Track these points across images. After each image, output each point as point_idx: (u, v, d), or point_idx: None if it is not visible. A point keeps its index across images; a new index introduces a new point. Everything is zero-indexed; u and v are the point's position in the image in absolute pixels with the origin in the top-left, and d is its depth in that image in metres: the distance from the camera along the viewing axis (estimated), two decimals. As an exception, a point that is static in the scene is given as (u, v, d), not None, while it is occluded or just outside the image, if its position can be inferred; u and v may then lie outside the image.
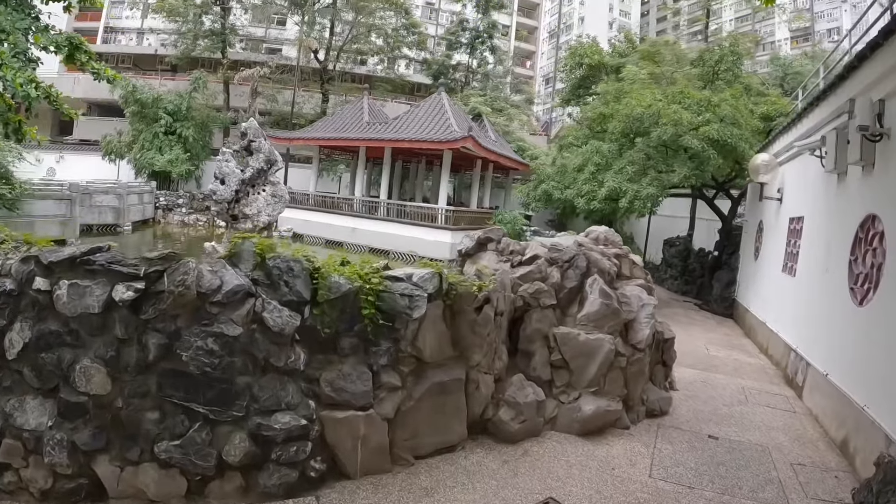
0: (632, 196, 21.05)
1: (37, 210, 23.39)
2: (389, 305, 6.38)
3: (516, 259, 9.57)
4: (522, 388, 7.82)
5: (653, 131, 20.78)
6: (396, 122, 32.03)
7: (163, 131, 39.80)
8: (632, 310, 9.02)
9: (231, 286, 5.62)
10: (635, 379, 8.89)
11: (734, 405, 10.45)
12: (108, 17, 67.27)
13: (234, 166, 20.24)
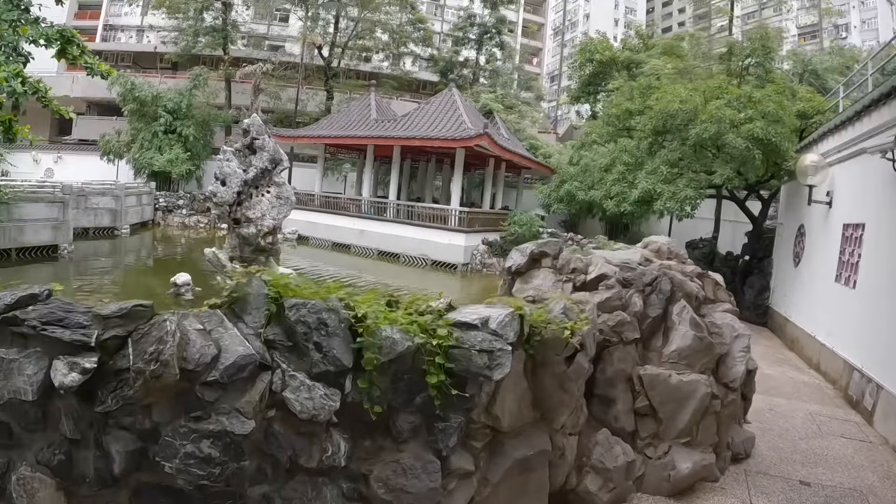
0: (667, 198, 19.77)
1: (27, 214, 22.15)
2: (463, 366, 4.66)
3: (579, 279, 8.13)
4: (610, 448, 6.30)
5: (691, 129, 19.48)
6: (406, 120, 30.65)
7: (162, 130, 38.61)
8: (724, 342, 7.55)
9: (234, 357, 4.01)
10: (727, 423, 7.51)
11: (810, 438, 9.39)
12: (108, 14, 66.38)
13: (236, 166, 18.84)
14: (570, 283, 8.34)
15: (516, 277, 9.10)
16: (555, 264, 8.83)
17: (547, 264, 8.91)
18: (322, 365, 4.32)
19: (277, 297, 4.52)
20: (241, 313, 4.44)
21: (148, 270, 24.12)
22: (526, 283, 8.86)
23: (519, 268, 8.97)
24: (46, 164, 46.30)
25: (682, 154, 20.65)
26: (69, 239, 23.83)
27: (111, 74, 14.87)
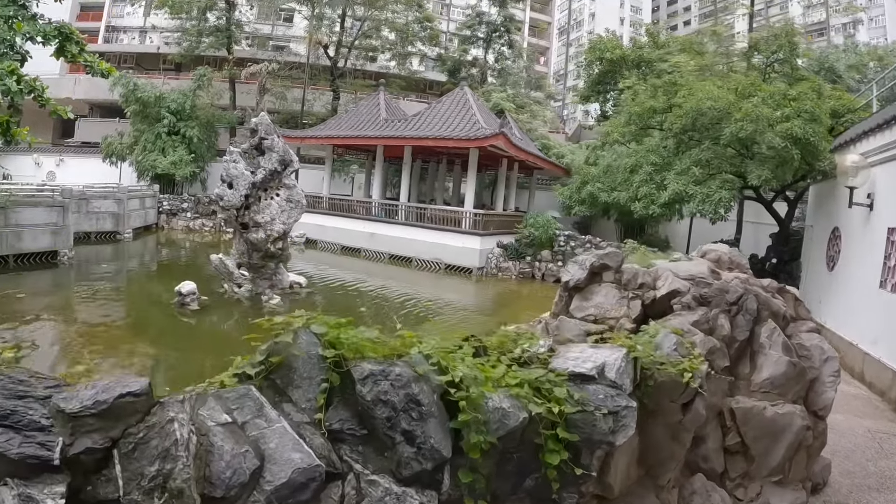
0: (700, 200, 18.92)
1: (25, 219, 21.45)
2: (585, 433, 3.53)
3: (647, 295, 7.19)
4: (708, 497, 5.27)
5: (724, 127, 18.61)
6: (417, 119, 29.75)
7: (166, 132, 37.89)
8: (814, 366, 6.58)
9: (288, 471, 2.74)
10: (815, 455, 6.63)
11: (877, 458, 8.72)
12: (110, 15, 66.21)
13: (244, 168, 17.94)
14: (638, 300, 7.41)
15: (574, 294, 8.14)
16: (617, 278, 7.89)
17: (608, 278, 7.97)
18: (416, 463, 3.09)
19: (339, 360, 3.21)
20: (285, 388, 3.19)
21: (151, 277, 23.35)
22: (585, 301, 7.92)
23: (578, 283, 8.01)
24: (48, 167, 45.72)
25: (714, 154, 19.79)
26: (69, 245, 23.08)
27: (112, 73, 14.47)
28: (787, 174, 18.78)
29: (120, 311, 16.14)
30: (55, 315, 14.97)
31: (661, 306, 7.11)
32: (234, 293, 17.97)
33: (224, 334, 14.43)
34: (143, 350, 11.56)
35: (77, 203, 26.41)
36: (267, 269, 18.58)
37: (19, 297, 16.65)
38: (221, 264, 18.32)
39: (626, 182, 24.15)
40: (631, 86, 28.82)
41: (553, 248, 26.70)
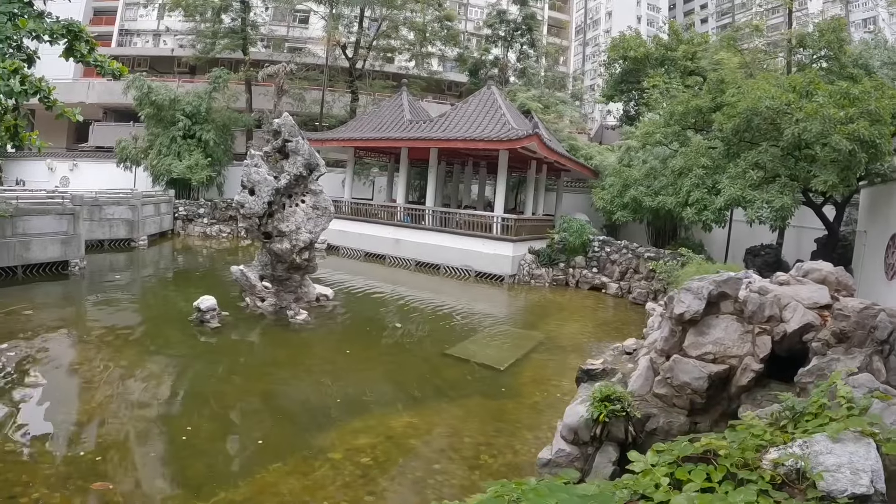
0: (759, 206, 17.70)
1: (34, 228, 20.54)
2: None
3: (777, 330, 5.92)
4: None
5: (784, 128, 17.34)
6: (443, 121, 28.48)
7: (181, 135, 36.96)
8: None
9: None
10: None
11: None
12: (123, 19, 65.59)
13: (266, 172, 16.67)
14: (766, 335, 6.18)
15: (688, 327, 6.88)
16: (738, 308, 6.61)
17: (727, 309, 6.76)
18: None
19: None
20: None
21: (168, 288, 22.22)
22: (702, 336, 6.70)
23: (694, 314, 6.75)
24: (62, 172, 45.09)
25: (771, 156, 18.48)
26: (81, 254, 22.15)
27: (123, 73, 13.91)
28: (852, 179, 17.58)
29: (134, 332, 14.91)
30: (59, 345, 13.75)
31: (790, 343, 6.21)
32: (256, 307, 16.85)
33: (254, 364, 13.17)
34: (159, 409, 10.25)
35: (89, 210, 25.61)
36: (292, 281, 17.39)
37: (27, 314, 15.56)
38: (243, 276, 17.12)
39: (673, 186, 22.87)
40: (657, 84, 27.69)
41: (587, 253, 25.41)
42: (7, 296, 17.20)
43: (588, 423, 7.22)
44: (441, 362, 13.65)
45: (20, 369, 11.34)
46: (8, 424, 9.11)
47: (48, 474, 7.63)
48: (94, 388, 10.78)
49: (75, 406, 10.11)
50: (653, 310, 16.03)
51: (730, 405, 6.82)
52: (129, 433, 9.07)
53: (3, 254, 19.53)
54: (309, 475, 8.03)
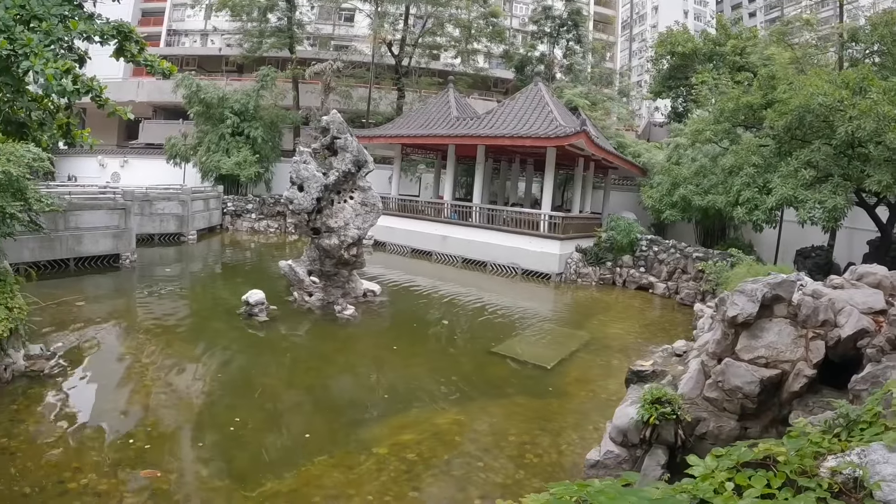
0: (812, 206, 17.30)
1: (85, 222, 21.00)
2: None
3: (832, 335, 5.78)
4: None
5: (837, 126, 16.90)
6: (490, 118, 28.36)
7: (229, 132, 37.50)
8: None
9: None
10: None
11: None
12: (171, 20, 66.66)
13: (315, 169, 16.80)
14: (820, 339, 6.05)
15: (741, 330, 6.75)
16: (791, 312, 6.47)
17: (781, 312, 6.62)
18: None
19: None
20: None
21: (216, 282, 22.57)
22: (755, 339, 6.58)
23: (747, 317, 6.62)
24: (113, 169, 45.96)
25: (824, 155, 18.05)
26: (132, 247, 22.59)
27: (173, 72, 14.06)
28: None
29: (183, 324, 15.17)
30: (109, 336, 14.04)
31: (844, 348, 6.09)
32: (304, 302, 16.98)
33: (302, 358, 13.30)
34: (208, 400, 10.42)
35: (140, 205, 26.08)
36: (340, 276, 17.50)
37: (79, 305, 15.95)
38: (291, 271, 17.29)
39: (723, 184, 22.48)
40: (705, 80, 27.25)
41: (634, 252, 25.08)
42: (59, 287, 17.55)
43: (638, 426, 7.16)
44: (487, 360, 13.61)
45: (71, 359, 11.60)
46: (59, 411, 9.35)
47: (97, 461, 7.79)
48: (144, 379, 10.98)
49: (125, 395, 10.28)
50: (701, 311, 15.80)
51: (780, 411, 6.72)
52: (177, 423, 9.24)
53: (56, 247, 19.94)
54: (354, 469, 8.07)
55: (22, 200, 10.14)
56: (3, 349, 10.17)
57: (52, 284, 17.51)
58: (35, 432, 8.54)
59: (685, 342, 9.74)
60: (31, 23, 11.82)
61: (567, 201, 37.71)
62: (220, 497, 7.24)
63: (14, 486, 7.03)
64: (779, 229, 24.47)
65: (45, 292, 15.13)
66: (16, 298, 10.49)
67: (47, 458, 7.76)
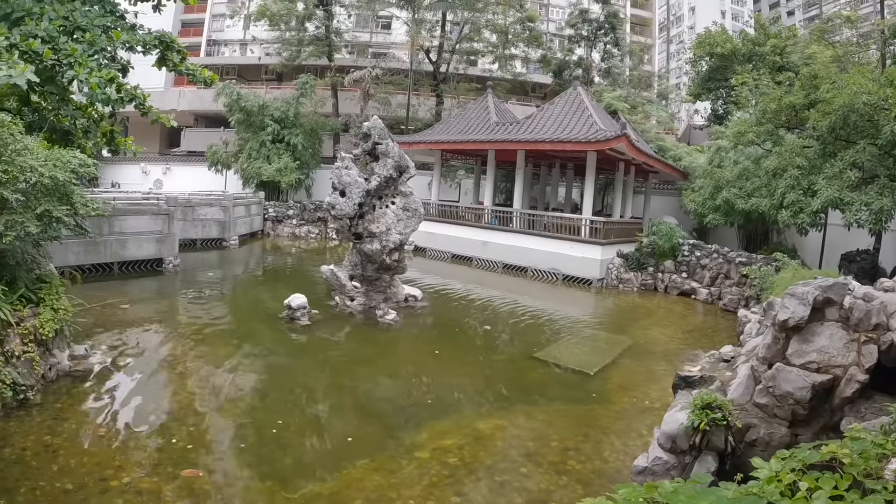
0: (858, 209, 16.97)
1: (130, 227, 21.51)
2: None
3: (885, 339, 5.68)
4: None
5: (883, 125, 16.59)
6: (530, 122, 28.28)
7: (270, 139, 37.92)
8: None
9: None
10: None
11: None
12: (210, 30, 68.06)
13: (357, 174, 16.87)
14: (872, 344, 5.92)
15: (791, 335, 6.64)
16: (843, 315, 6.35)
17: (832, 315, 6.48)
18: None
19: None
20: None
21: (258, 286, 22.84)
22: (806, 344, 6.45)
23: (797, 321, 6.51)
24: (155, 175, 46.86)
25: (870, 155, 17.71)
26: (175, 252, 23.00)
27: (214, 80, 14.24)
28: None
29: (225, 328, 15.35)
30: (153, 337, 14.22)
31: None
32: (345, 306, 17.06)
33: (344, 362, 13.37)
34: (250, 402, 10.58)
35: (182, 211, 26.48)
36: (381, 281, 17.56)
37: (123, 308, 16.27)
38: (333, 276, 17.39)
39: (766, 187, 22.13)
40: (746, 81, 26.86)
41: (676, 257, 24.76)
42: (104, 290, 17.84)
43: (687, 431, 7.05)
44: (528, 365, 13.51)
45: (115, 359, 11.80)
46: (101, 410, 9.49)
47: (139, 459, 7.89)
48: (187, 380, 11.12)
49: (167, 396, 10.42)
50: (745, 317, 15.58)
51: (832, 417, 6.57)
52: (219, 424, 9.31)
53: (101, 251, 20.41)
54: (395, 473, 8.04)
55: (68, 205, 10.37)
56: (49, 349, 10.40)
57: (96, 287, 17.82)
58: (78, 430, 8.69)
59: (732, 347, 9.61)
60: (75, 34, 12.11)
61: (607, 206, 37.35)
62: (261, 498, 7.26)
63: (56, 483, 7.14)
64: (823, 233, 24.01)
65: (90, 294, 15.38)
66: (61, 300, 10.72)
67: (90, 456, 7.87)
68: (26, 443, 8.12)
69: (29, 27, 11.55)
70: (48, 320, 10.09)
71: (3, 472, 7.31)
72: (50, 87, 11.79)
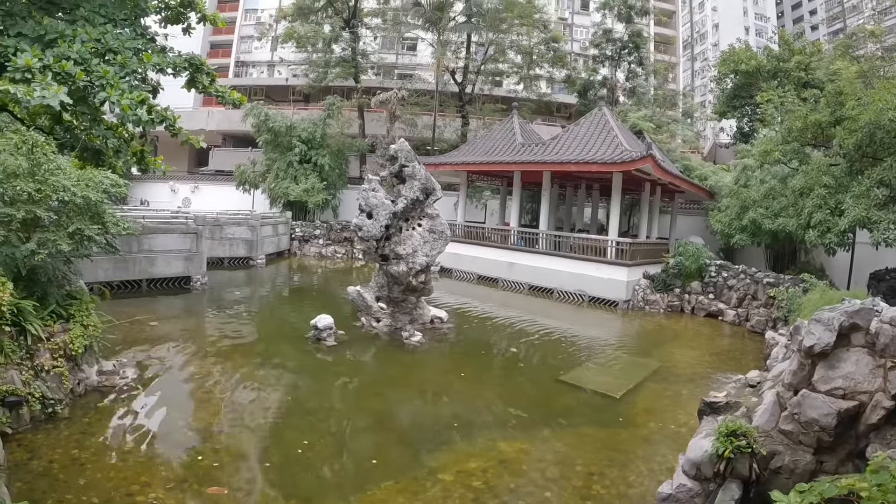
0: (886, 227, 16.84)
1: (158, 245, 21.84)
2: None
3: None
4: None
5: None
6: (555, 143, 28.34)
7: (297, 160, 38.30)
8: None
9: None
10: None
11: None
12: (238, 52, 69.01)
13: (384, 197, 17.03)
14: None
15: (817, 361, 6.64)
16: (869, 340, 6.35)
17: (858, 341, 6.47)
18: None
19: None
20: None
21: (284, 304, 23.15)
22: (832, 370, 6.45)
23: (824, 348, 6.51)
24: (184, 194, 47.53)
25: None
26: (202, 270, 23.31)
27: (242, 102, 14.39)
28: None
29: (252, 346, 15.55)
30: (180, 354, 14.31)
31: None
32: (371, 328, 17.15)
33: (370, 383, 13.44)
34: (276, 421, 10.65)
35: (210, 230, 26.82)
36: (408, 303, 17.66)
37: (152, 325, 16.50)
38: (359, 297, 17.53)
39: (794, 206, 21.97)
40: (771, 98, 26.72)
41: (703, 278, 24.58)
42: (132, 306, 18.16)
43: (712, 459, 7.05)
44: (554, 388, 13.47)
45: (142, 375, 11.97)
46: (129, 426, 9.63)
47: (165, 475, 7.99)
48: (213, 398, 11.24)
49: (194, 413, 10.55)
50: (773, 339, 15.45)
51: (857, 444, 6.52)
52: (245, 443, 9.39)
53: (130, 268, 20.74)
54: (419, 495, 8.06)
55: (100, 224, 10.62)
56: (78, 364, 10.60)
57: (125, 304, 18.15)
58: (105, 445, 8.83)
59: (759, 373, 9.58)
60: (107, 56, 12.39)
61: (633, 226, 37.24)
62: (286, 518, 7.35)
63: (83, 497, 7.26)
64: (851, 252, 23.75)
65: (119, 311, 15.62)
66: (91, 317, 10.91)
67: (116, 471, 8.00)
68: (54, 455, 8.28)
69: (62, 48, 11.84)
70: (78, 336, 10.30)
71: (31, 485, 7.45)
72: (82, 107, 12.06)
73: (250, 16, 68.26)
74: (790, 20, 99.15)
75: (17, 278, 9.64)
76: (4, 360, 8.82)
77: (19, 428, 8.81)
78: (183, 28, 16.03)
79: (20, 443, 8.53)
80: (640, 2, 49.49)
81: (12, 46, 12.03)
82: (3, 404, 8.59)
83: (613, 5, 49.31)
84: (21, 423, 8.87)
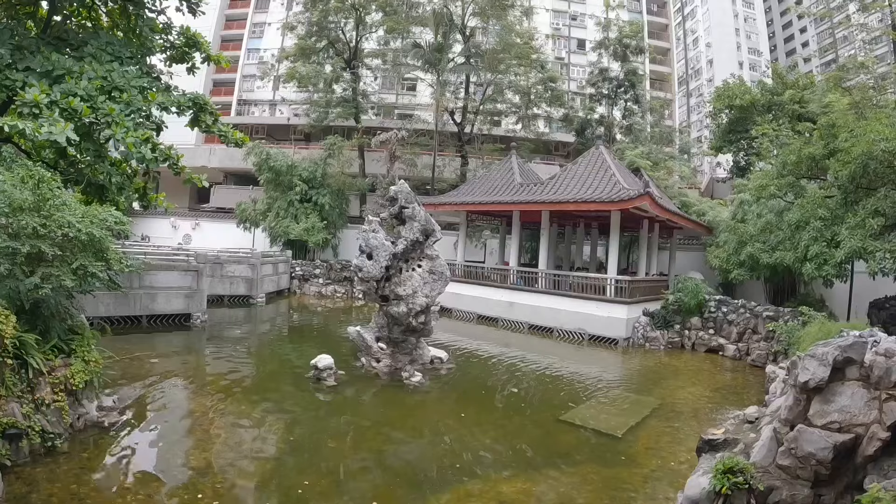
0: (883, 257, 17.00)
1: (160, 282, 22.11)
2: None
3: (910, 400, 5.76)
4: None
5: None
6: (553, 183, 28.59)
7: (298, 199, 38.82)
8: None
9: None
10: None
11: None
12: (241, 90, 70.06)
13: (384, 238, 17.18)
14: (893, 401, 6.02)
15: (813, 395, 6.73)
16: (864, 374, 6.44)
17: (853, 374, 6.56)
18: None
19: None
20: None
21: (284, 343, 23.06)
22: (827, 404, 6.55)
23: (818, 382, 6.61)
24: (184, 230, 47.96)
25: (891, 202, 17.74)
26: (203, 308, 23.41)
27: (245, 142, 14.67)
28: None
29: (251, 385, 15.55)
30: (180, 391, 14.52)
31: None
32: (371, 368, 17.14)
33: (370, 423, 13.43)
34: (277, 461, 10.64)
35: (211, 267, 27.00)
36: (408, 343, 17.69)
37: (152, 362, 16.58)
38: (359, 337, 17.59)
39: (790, 240, 22.14)
40: (766, 132, 27.00)
41: (703, 314, 24.62)
42: (132, 342, 18.28)
43: (710, 496, 7.09)
44: (555, 428, 13.41)
45: (142, 412, 12.04)
46: (128, 462, 9.68)
47: (164, 515, 7.96)
48: (213, 436, 11.25)
49: (193, 450, 10.53)
50: (773, 373, 15.44)
51: (855, 476, 6.58)
52: (245, 482, 9.38)
53: (131, 303, 20.95)
54: (419, 536, 8.02)
55: (103, 261, 10.74)
56: (78, 399, 10.64)
57: (124, 339, 18.26)
58: (104, 481, 8.88)
59: (757, 408, 9.61)
60: (113, 93, 12.63)
61: (632, 264, 37.31)
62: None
63: (81, 532, 7.23)
64: (850, 282, 23.86)
65: (119, 347, 15.68)
66: (92, 352, 10.99)
67: (115, 507, 7.98)
68: (53, 489, 8.31)
69: (69, 85, 12.09)
70: (79, 371, 10.39)
71: (30, 519, 7.42)
72: (87, 143, 12.26)
73: (253, 55, 69.51)
74: (783, 53, 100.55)
75: (21, 311, 9.73)
76: (6, 393, 8.90)
77: (18, 461, 8.85)
78: (187, 67, 16.37)
79: (19, 476, 8.57)
80: (636, 41, 49.93)
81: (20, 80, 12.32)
82: (4, 437, 8.65)
83: (609, 45, 49.84)
84: (20, 456, 8.92)
